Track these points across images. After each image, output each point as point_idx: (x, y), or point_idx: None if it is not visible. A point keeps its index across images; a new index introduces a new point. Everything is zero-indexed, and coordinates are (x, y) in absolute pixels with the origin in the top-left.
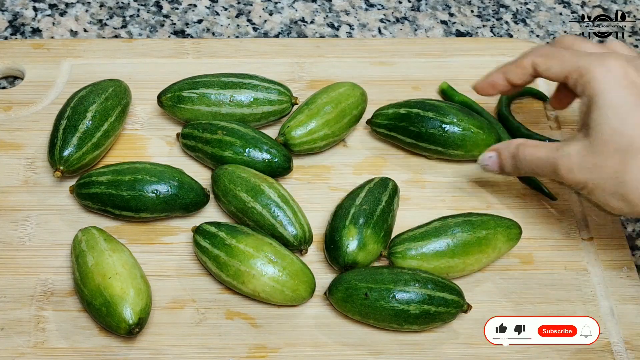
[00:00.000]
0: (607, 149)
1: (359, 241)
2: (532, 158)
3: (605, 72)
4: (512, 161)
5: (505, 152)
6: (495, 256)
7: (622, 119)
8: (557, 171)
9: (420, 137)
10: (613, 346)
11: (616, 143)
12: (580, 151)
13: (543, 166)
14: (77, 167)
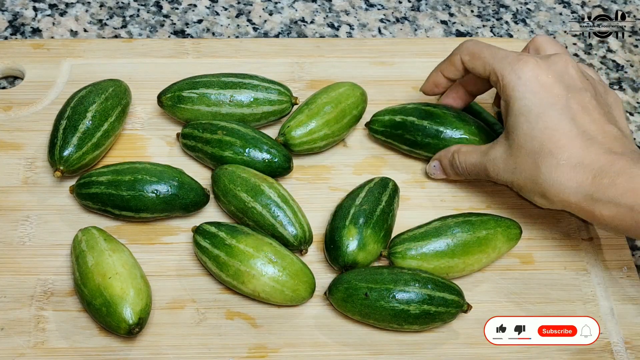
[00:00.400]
0: (522, 153)
1: (359, 241)
2: (466, 164)
3: (516, 78)
4: (451, 168)
5: (444, 160)
6: (495, 256)
7: (531, 123)
8: (487, 174)
9: (416, 145)
10: (613, 346)
11: (528, 147)
12: (502, 154)
13: (476, 170)
14: (77, 167)
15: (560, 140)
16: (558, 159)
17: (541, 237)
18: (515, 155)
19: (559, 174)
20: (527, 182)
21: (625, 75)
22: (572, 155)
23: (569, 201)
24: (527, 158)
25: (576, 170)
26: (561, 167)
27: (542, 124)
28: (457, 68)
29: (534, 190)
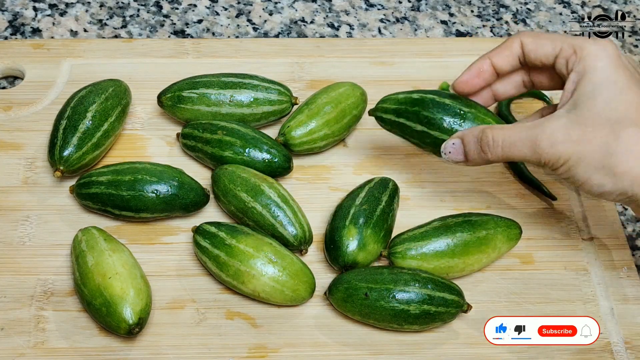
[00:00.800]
0: (598, 121)
1: (359, 241)
2: (504, 141)
3: (601, 49)
4: (478, 146)
5: (469, 138)
6: (495, 256)
7: (615, 94)
8: (536, 146)
9: (433, 124)
10: (613, 346)
11: (608, 115)
12: (565, 124)
13: (518, 147)
14: (77, 167)
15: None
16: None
17: (541, 237)
18: (586, 124)
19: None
20: (594, 154)
21: None
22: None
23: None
24: (603, 127)
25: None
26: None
27: (628, 96)
28: (513, 53)
29: (599, 165)
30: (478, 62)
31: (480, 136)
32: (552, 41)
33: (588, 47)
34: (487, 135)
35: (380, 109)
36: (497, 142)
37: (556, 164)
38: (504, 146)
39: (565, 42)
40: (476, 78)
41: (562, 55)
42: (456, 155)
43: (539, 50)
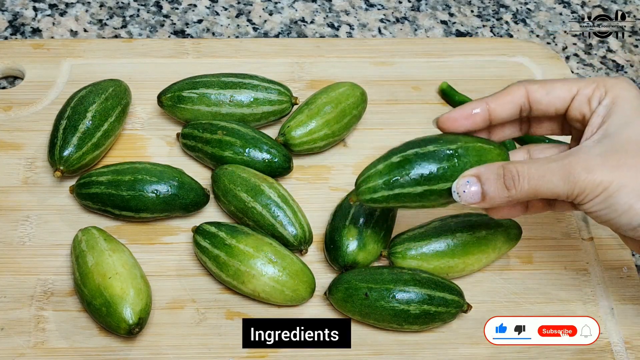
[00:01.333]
0: (637, 147)
1: (359, 241)
2: (531, 169)
3: (623, 81)
4: (500, 183)
5: (487, 173)
6: (495, 256)
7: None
8: (570, 174)
9: (433, 179)
10: (613, 346)
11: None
12: (600, 152)
13: (548, 176)
14: (77, 167)
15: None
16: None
17: (541, 237)
18: (624, 149)
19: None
20: (632, 180)
21: (625, 75)
22: None
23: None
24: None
25: None
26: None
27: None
28: (515, 101)
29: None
30: (473, 103)
31: (502, 171)
32: (563, 84)
33: (610, 81)
34: (511, 169)
35: (366, 191)
36: (522, 175)
37: (593, 193)
38: (532, 179)
39: (579, 82)
40: (465, 120)
41: (581, 94)
42: (472, 196)
43: (550, 95)
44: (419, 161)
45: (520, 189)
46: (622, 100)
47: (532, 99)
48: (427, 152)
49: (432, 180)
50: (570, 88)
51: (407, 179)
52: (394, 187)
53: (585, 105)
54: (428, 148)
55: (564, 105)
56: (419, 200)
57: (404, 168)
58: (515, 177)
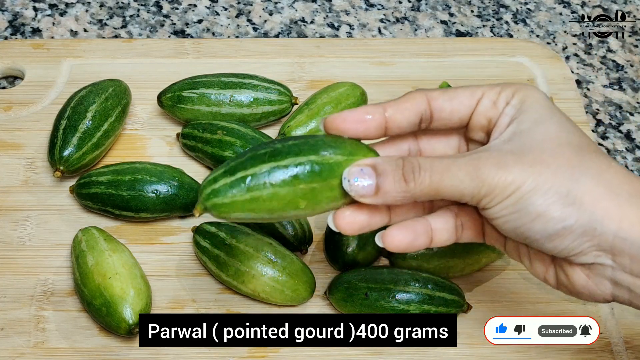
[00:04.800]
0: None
1: (358, 241)
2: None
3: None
4: (399, 174)
5: (385, 163)
6: (495, 256)
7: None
8: (478, 171)
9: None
10: (613, 346)
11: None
12: (513, 148)
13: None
14: (77, 167)
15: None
16: (603, 155)
17: None
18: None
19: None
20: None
21: (625, 75)
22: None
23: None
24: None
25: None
26: (612, 165)
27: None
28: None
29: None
30: (368, 107)
31: (402, 163)
32: (466, 90)
33: (515, 84)
34: (412, 160)
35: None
36: (424, 167)
37: (503, 194)
38: (434, 172)
39: (483, 87)
40: (357, 123)
41: (485, 98)
42: (363, 187)
43: (455, 101)
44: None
45: (420, 183)
46: (531, 100)
47: (434, 106)
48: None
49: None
50: (473, 93)
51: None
52: (235, 171)
53: (491, 108)
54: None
55: (468, 112)
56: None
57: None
58: (415, 168)
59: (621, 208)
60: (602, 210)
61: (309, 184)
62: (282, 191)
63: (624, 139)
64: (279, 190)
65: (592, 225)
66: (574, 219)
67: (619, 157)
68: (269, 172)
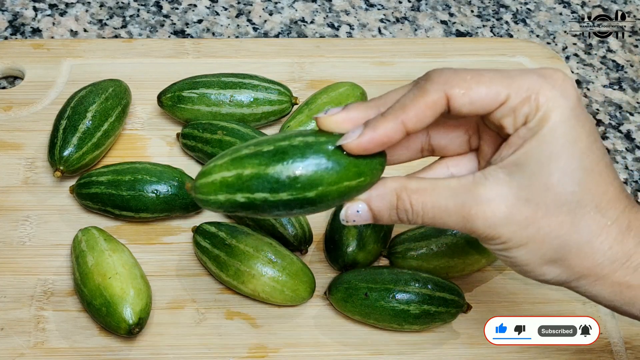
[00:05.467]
0: (552, 201)
1: (358, 241)
2: (425, 203)
3: (560, 96)
4: (393, 213)
5: (378, 201)
6: (495, 257)
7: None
8: (468, 221)
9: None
10: (613, 346)
11: (566, 192)
12: (508, 197)
13: (444, 215)
14: (77, 167)
15: (609, 192)
16: (607, 217)
17: None
18: (536, 203)
19: (604, 237)
20: (544, 243)
21: (625, 75)
22: (620, 214)
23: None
24: (559, 211)
25: (625, 235)
26: (609, 229)
27: (589, 160)
28: (434, 111)
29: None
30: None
31: (395, 201)
32: (490, 88)
33: (543, 91)
34: (404, 201)
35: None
36: (416, 209)
37: (490, 243)
38: (426, 214)
39: (511, 86)
40: (382, 145)
41: (508, 104)
42: (363, 221)
43: (477, 104)
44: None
45: (414, 222)
46: (549, 126)
47: (453, 106)
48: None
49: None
50: (498, 94)
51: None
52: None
53: (508, 118)
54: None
55: (486, 113)
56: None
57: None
58: (408, 210)
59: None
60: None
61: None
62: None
63: (624, 139)
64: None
65: (569, 282)
66: (553, 276)
67: (619, 157)
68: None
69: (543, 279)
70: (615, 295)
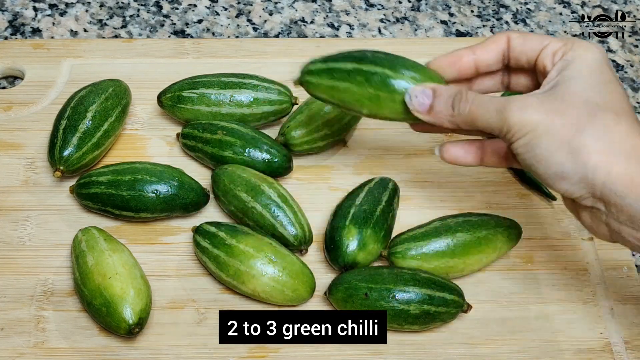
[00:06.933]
0: (576, 99)
1: (359, 241)
2: (476, 97)
3: (592, 46)
4: (447, 103)
5: (443, 90)
6: (496, 256)
7: (599, 81)
8: (505, 109)
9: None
10: (613, 346)
11: (588, 96)
12: (540, 97)
13: (486, 106)
14: (77, 167)
15: (625, 109)
16: (620, 116)
17: (541, 237)
18: (562, 98)
19: (618, 130)
20: (564, 128)
21: (625, 75)
22: (633, 122)
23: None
24: (580, 105)
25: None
26: (621, 125)
27: (613, 86)
28: (498, 48)
29: (565, 141)
30: (460, 51)
31: (454, 92)
32: (539, 37)
33: (579, 42)
34: (462, 91)
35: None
36: (468, 99)
37: (520, 132)
38: (473, 105)
39: (552, 38)
40: (450, 66)
41: (549, 48)
42: (421, 105)
43: (525, 45)
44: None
45: (461, 111)
46: (581, 59)
47: (511, 46)
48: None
49: (363, 60)
50: (542, 41)
51: (340, 56)
52: (328, 60)
53: (549, 58)
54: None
55: (534, 56)
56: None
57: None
58: (463, 99)
59: (613, 162)
60: (594, 162)
61: (376, 91)
62: (353, 88)
63: None
64: (351, 87)
65: (585, 174)
66: (570, 166)
67: None
68: (350, 71)
69: (563, 171)
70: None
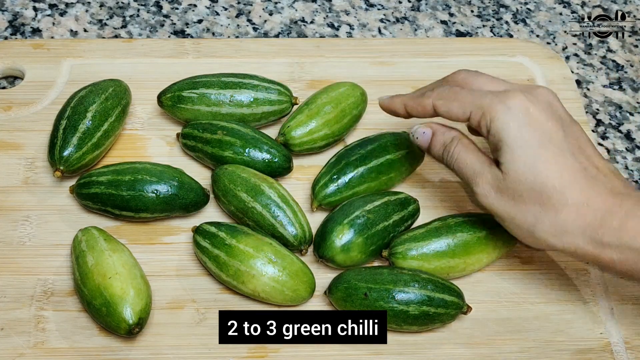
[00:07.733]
0: (521, 188)
1: (345, 243)
2: (460, 159)
3: (506, 109)
4: (441, 148)
5: (440, 136)
6: (496, 256)
7: (532, 158)
8: (473, 187)
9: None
10: (613, 346)
11: (529, 182)
12: (499, 182)
13: (465, 174)
14: (77, 167)
15: (564, 178)
16: (565, 197)
17: None
18: (513, 189)
19: (566, 214)
20: (523, 223)
21: (625, 75)
22: (578, 194)
23: (573, 244)
24: (529, 194)
25: (583, 211)
26: (568, 208)
27: (544, 158)
28: (425, 111)
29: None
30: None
31: (448, 143)
32: (462, 104)
33: (494, 109)
34: (453, 145)
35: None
36: (453, 155)
37: (487, 211)
38: (457, 164)
39: (473, 103)
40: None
41: (473, 118)
42: (422, 142)
43: (451, 113)
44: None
45: (448, 162)
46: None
47: (439, 112)
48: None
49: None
50: (464, 111)
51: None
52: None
53: (479, 127)
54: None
55: (465, 122)
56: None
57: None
58: (450, 151)
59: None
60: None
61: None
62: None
63: (624, 139)
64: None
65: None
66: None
67: (619, 157)
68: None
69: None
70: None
